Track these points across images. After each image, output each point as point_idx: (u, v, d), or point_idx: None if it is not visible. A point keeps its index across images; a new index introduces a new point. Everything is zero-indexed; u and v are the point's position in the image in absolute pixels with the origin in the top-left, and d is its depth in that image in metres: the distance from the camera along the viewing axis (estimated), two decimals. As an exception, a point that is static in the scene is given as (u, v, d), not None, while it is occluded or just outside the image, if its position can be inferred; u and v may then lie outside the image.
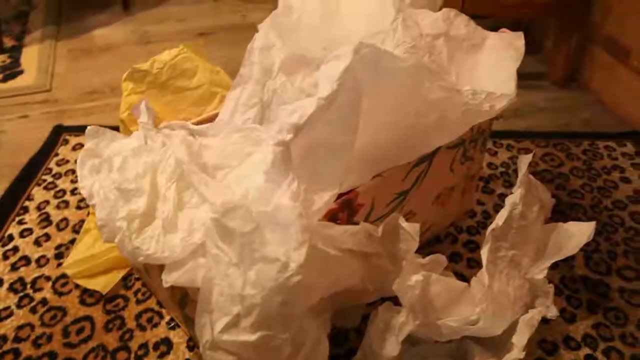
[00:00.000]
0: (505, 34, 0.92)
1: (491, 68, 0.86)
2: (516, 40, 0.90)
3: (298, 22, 0.81)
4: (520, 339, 0.72)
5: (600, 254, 1.02)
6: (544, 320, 0.84)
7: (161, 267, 0.69)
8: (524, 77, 0.87)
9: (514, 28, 0.94)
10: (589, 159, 1.28)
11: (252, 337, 0.61)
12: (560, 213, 1.11)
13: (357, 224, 0.73)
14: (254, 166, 0.71)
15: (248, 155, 0.74)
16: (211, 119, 0.91)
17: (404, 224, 0.72)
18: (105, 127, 1.33)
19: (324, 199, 0.68)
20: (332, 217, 0.75)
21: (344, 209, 0.77)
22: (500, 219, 0.78)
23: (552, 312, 0.80)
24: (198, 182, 0.69)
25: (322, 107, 0.64)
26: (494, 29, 0.94)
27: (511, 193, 0.81)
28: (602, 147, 1.32)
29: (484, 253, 0.76)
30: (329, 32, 0.84)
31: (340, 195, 0.74)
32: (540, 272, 0.80)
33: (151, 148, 0.75)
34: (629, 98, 1.42)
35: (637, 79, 1.39)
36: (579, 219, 1.09)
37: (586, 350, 0.85)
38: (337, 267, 0.68)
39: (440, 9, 0.91)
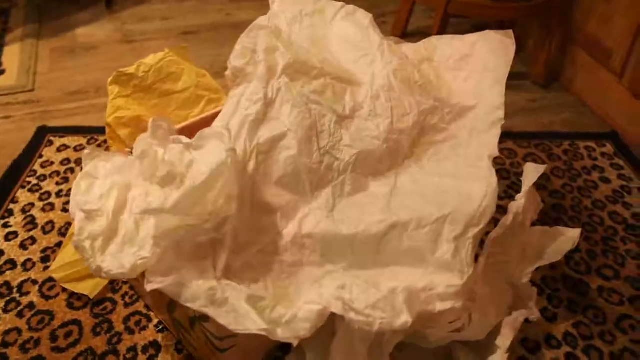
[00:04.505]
0: (494, 33, 0.94)
1: (480, 82, 0.89)
2: (506, 38, 0.92)
3: (289, 40, 0.84)
4: (504, 341, 0.74)
5: (580, 254, 1.05)
6: (526, 320, 0.85)
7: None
8: (505, 77, 0.90)
9: (497, 28, 0.97)
10: (570, 159, 1.30)
11: None
12: (542, 213, 1.13)
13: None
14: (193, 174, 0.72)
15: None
16: (197, 123, 0.91)
17: None
18: (91, 128, 1.35)
19: None
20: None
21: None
22: (502, 227, 0.77)
23: (535, 315, 0.81)
24: (139, 194, 0.71)
25: None
26: (478, 28, 0.97)
27: (514, 200, 0.81)
28: (582, 147, 1.35)
29: (482, 261, 0.76)
30: (320, 54, 0.87)
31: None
32: (524, 277, 0.81)
33: (133, 164, 0.76)
34: (609, 99, 1.45)
35: (618, 81, 1.41)
36: (560, 219, 1.11)
37: (567, 349, 0.88)
38: None
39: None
